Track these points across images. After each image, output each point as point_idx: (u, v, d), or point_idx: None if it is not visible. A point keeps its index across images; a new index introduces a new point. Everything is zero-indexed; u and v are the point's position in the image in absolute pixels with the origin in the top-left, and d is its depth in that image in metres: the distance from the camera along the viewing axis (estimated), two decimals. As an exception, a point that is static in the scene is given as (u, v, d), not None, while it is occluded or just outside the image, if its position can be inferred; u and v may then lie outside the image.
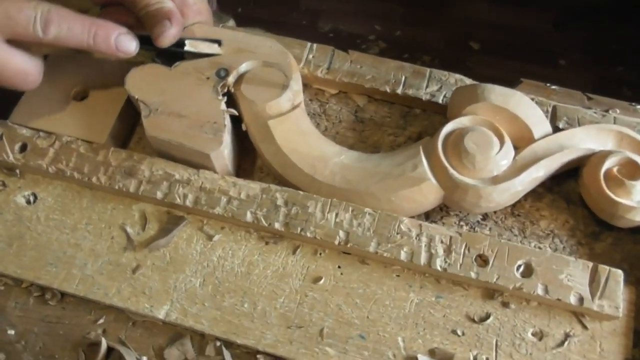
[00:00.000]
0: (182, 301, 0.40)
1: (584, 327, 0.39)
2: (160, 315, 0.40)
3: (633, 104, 0.50)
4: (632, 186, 0.40)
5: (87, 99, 0.48)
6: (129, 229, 0.43)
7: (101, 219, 0.44)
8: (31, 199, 0.45)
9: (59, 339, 0.41)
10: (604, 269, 0.39)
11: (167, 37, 0.42)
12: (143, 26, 0.43)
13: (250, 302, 0.40)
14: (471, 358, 0.38)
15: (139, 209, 0.44)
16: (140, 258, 0.42)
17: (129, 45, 0.41)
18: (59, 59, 0.49)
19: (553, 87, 0.52)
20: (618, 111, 0.49)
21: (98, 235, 0.43)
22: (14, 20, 0.37)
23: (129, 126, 0.48)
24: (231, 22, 0.58)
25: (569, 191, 0.46)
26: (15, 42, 0.39)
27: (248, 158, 0.47)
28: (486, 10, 2.00)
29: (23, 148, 0.45)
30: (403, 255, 0.39)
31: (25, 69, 0.40)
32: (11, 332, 0.41)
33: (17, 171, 0.45)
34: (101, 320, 0.41)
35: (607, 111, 0.49)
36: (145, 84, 0.44)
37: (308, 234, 0.40)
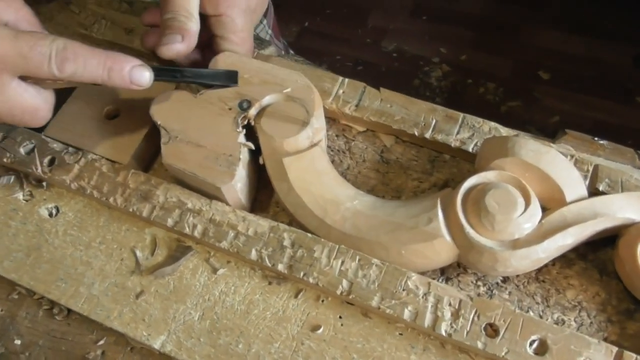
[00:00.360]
0: (179, 333, 0.40)
1: (602, 418, 0.35)
2: (156, 345, 0.39)
3: (691, 167, 0.46)
4: (672, 267, 0.36)
5: (117, 117, 0.49)
6: (138, 253, 0.43)
7: (114, 239, 0.44)
8: (54, 211, 0.46)
9: (61, 355, 0.42)
10: (630, 356, 0.35)
11: (170, 49, 0.42)
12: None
13: (245, 343, 0.39)
14: None
15: (151, 233, 0.44)
16: (145, 284, 0.42)
17: (142, 77, 0.40)
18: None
19: (601, 141, 0.48)
20: (672, 174, 0.45)
21: (109, 255, 0.43)
22: (27, 59, 0.36)
23: (154, 147, 0.49)
24: (271, 48, 0.58)
25: (604, 260, 0.42)
26: (28, 78, 0.38)
27: (266, 190, 0.47)
28: (560, 40, 1.91)
29: (52, 162, 0.46)
30: (406, 314, 0.37)
31: (35, 105, 0.39)
32: (18, 342, 0.42)
33: (44, 183, 0.47)
34: (102, 342, 0.42)
35: (660, 173, 0.45)
36: (169, 110, 0.44)
37: (311, 280, 0.39)
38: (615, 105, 1.76)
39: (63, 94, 0.47)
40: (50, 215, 0.46)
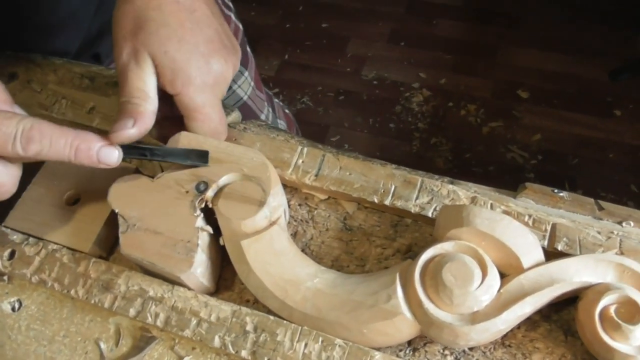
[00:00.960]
0: None
1: None
2: None
3: (651, 215, 0.46)
4: (630, 331, 0.36)
5: (78, 203, 0.49)
6: (102, 345, 0.43)
7: (78, 331, 0.44)
8: (16, 305, 0.46)
9: None
10: None
11: (121, 135, 0.41)
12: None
13: None
14: None
15: (115, 322, 0.44)
16: (110, 377, 0.42)
17: (111, 157, 0.40)
18: (57, 164, 0.50)
19: (561, 194, 0.48)
20: (632, 224, 0.45)
21: (73, 349, 0.43)
22: None
23: (116, 230, 0.48)
24: (235, 113, 0.58)
25: (568, 320, 0.42)
26: None
27: (230, 267, 0.46)
28: (536, 58, 1.94)
29: (12, 255, 0.46)
30: (371, 398, 0.37)
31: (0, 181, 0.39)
32: None
33: (5, 277, 0.47)
34: None
35: (620, 223, 0.45)
36: (127, 196, 0.44)
37: (275, 365, 0.39)
38: (595, 120, 1.78)
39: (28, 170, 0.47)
40: (13, 309, 0.45)
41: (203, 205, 0.43)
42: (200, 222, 0.43)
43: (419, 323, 0.38)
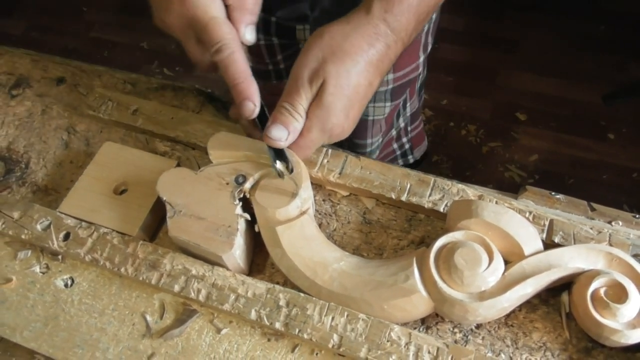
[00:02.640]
0: (188, 390, 0.44)
1: None
2: (167, 402, 0.44)
3: (637, 216, 0.52)
4: (617, 309, 0.41)
5: (125, 192, 0.54)
6: (148, 317, 0.48)
7: (126, 305, 0.49)
8: (69, 282, 0.51)
9: (79, 415, 0.46)
10: (587, 391, 0.40)
11: (275, 144, 0.47)
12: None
13: (248, 396, 0.43)
14: None
15: (159, 298, 0.49)
16: (156, 346, 0.46)
17: (250, 114, 0.47)
18: (106, 158, 0.56)
19: (557, 196, 0.54)
20: (620, 223, 0.51)
21: (122, 321, 0.48)
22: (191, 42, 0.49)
23: (159, 218, 0.54)
24: None
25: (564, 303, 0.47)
26: None
27: (261, 254, 0.52)
28: (534, 82, 2.02)
29: (66, 237, 0.51)
30: (391, 363, 0.42)
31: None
32: (39, 406, 0.46)
33: (60, 256, 0.52)
34: (117, 401, 0.46)
35: (610, 222, 0.51)
36: (173, 186, 0.50)
37: (305, 335, 0.44)
38: (589, 142, 1.85)
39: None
40: (66, 285, 0.50)
41: (242, 196, 0.49)
42: (239, 209, 0.48)
43: (433, 301, 0.44)
